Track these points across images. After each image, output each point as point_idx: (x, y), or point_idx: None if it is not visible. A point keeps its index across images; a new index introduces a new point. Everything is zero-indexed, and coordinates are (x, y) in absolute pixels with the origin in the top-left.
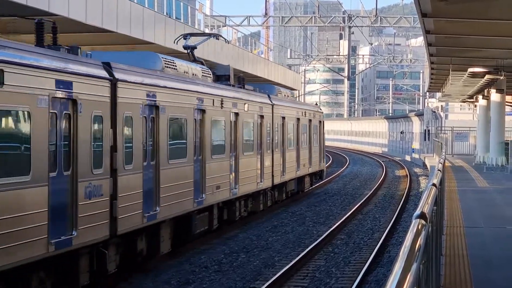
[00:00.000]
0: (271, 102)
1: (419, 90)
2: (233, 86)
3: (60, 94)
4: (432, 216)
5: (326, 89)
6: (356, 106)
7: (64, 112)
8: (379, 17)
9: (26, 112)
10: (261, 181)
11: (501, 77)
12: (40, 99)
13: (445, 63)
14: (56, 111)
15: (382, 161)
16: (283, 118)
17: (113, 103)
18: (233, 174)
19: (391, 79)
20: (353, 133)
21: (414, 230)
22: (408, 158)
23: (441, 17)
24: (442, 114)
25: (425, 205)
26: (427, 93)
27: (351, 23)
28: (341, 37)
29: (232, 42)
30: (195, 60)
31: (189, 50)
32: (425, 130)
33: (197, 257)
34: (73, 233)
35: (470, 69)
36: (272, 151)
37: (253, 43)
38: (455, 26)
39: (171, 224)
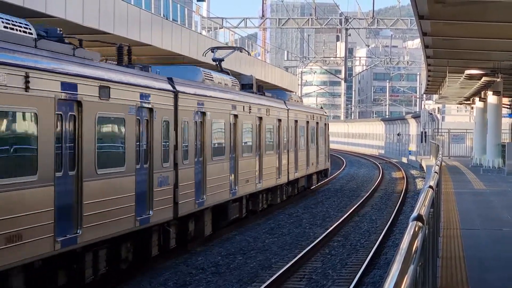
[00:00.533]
0: (287, 107)
1: (416, 92)
2: (256, 93)
3: (143, 104)
4: (429, 218)
5: (323, 91)
6: (353, 108)
7: (145, 118)
8: (376, 19)
9: (121, 119)
10: (279, 177)
11: (498, 79)
12: (130, 108)
13: (442, 65)
14: (140, 118)
15: (379, 163)
16: (296, 121)
17: (175, 110)
18: (258, 170)
19: (388, 81)
20: (350, 135)
21: (411, 232)
22: (404, 160)
23: (438, 19)
24: (439, 116)
25: (422, 207)
26: (424, 95)
27: (348, 25)
28: (338, 39)
29: (230, 44)
30: (222, 71)
31: (217, 62)
32: (421, 132)
33: (194, 258)
34: (150, 213)
35: (467, 71)
36: (288, 151)
37: (250, 45)
38: (452, 28)
39: (212, 210)
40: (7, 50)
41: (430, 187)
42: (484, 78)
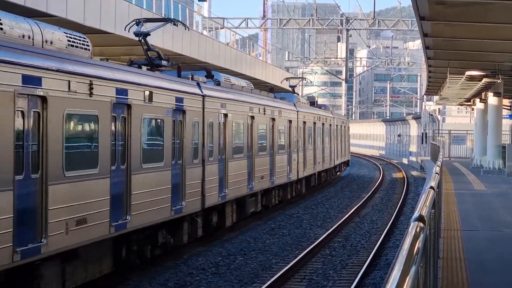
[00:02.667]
0: (296, 108)
1: (416, 93)
2: (268, 96)
3: (177, 107)
4: (430, 219)
5: (323, 92)
6: (353, 108)
7: (179, 119)
8: (377, 20)
9: (160, 120)
10: (289, 175)
11: (498, 81)
12: (167, 110)
13: (443, 66)
14: (175, 119)
15: (379, 164)
16: (304, 122)
17: (203, 112)
18: (271, 168)
19: (388, 82)
20: (351, 135)
21: (413, 233)
22: (405, 161)
23: (439, 20)
24: (439, 117)
25: (423, 207)
26: (425, 96)
27: (349, 26)
28: (338, 40)
29: (230, 45)
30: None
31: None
32: (422, 133)
33: (194, 259)
34: (182, 204)
35: (468, 73)
36: (297, 150)
37: (251, 45)
38: (453, 29)
39: (233, 204)
40: (77, 63)
41: (431, 187)
42: (484, 79)
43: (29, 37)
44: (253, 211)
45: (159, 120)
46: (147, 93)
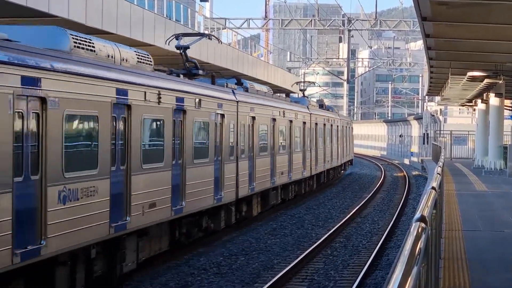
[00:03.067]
0: (309, 111)
1: (418, 94)
2: (285, 100)
3: (218, 111)
4: (431, 219)
5: (325, 92)
6: (355, 109)
7: (219, 122)
8: (378, 21)
9: (206, 123)
10: (304, 171)
11: (500, 81)
12: (211, 114)
13: (444, 66)
14: (216, 121)
15: (381, 164)
16: (316, 124)
17: (237, 115)
18: (288, 165)
19: (390, 82)
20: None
21: (414, 233)
22: (406, 161)
23: (441, 21)
24: (441, 117)
25: (424, 208)
26: (426, 96)
27: (350, 26)
28: (340, 40)
29: (232, 45)
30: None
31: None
32: (424, 133)
33: (195, 259)
34: (222, 194)
35: (469, 73)
36: (310, 149)
37: (253, 45)
38: (454, 30)
39: (258, 196)
40: (149, 77)
41: (433, 188)
42: (486, 80)
43: (112, 57)
44: (274, 203)
45: (205, 123)
46: (197, 100)
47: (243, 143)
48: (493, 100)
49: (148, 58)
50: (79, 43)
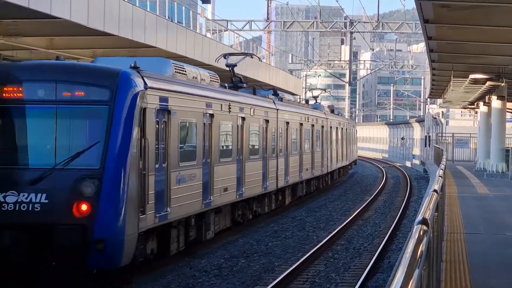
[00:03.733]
0: (326, 116)
1: (420, 96)
2: (308, 107)
3: (265, 118)
4: (433, 222)
5: (327, 95)
6: (357, 111)
7: (265, 126)
8: (380, 23)
9: (256, 127)
10: (323, 168)
11: (502, 84)
12: (260, 120)
13: (447, 69)
14: (263, 126)
15: (383, 167)
16: (330, 127)
17: (276, 121)
18: (311, 163)
19: (392, 85)
20: None
21: (416, 236)
22: (408, 164)
23: (443, 23)
24: (442, 120)
25: (426, 211)
26: (428, 99)
27: (352, 29)
28: (342, 43)
29: (234, 47)
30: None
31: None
32: (425, 136)
33: (197, 261)
34: (267, 184)
35: (471, 76)
36: (327, 149)
37: (254, 47)
38: (457, 32)
39: (289, 188)
40: (223, 93)
41: (435, 191)
42: (488, 83)
43: (195, 78)
44: (300, 194)
45: (256, 127)
46: (252, 109)
47: (280, 143)
48: (495, 102)
49: (216, 77)
50: (177, 69)
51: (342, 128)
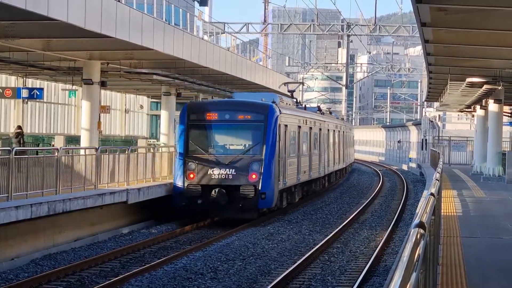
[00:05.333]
0: (341, 122)
1: (417, 100)
2: (331, 116)
3: (319, 127)
4: (430, 225)
5: (324, 97)
6: (353, 114)
7: (318, 133)
8: (377, 26)
9: (316, 133)
10: (339, 163)
11: (499, 87)
12: (316, 128)
13: (443, 72)
14: (317, 132)
15: (379, 170)
16: (339, 131)
17: (322, 128)
18: (334, 158)
19: (389, 88)
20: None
21: (413, 239)
22: (405, 167)
23: (440, 27)
24: (439, 123)
25: (423, 214)
26: (425, 102)
27: (349, 32)
28: (339, 45)
29: (231, 49)
30: (292, 97)
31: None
32: (422, 139)
33: (192, 264)
34: (321, 171)
35: (468, 79)
36: (341, 149)
37: (251, 50)
38: (454, 36)
39: (326, 176)
40: (301, 112)
41: (432, 194)
42: (485, 86)
43: (288, 104)
44: (332, 181)
45: (315, 133)
46: (313, 121)
47: (324, 144)
48: (492, 106)
49: (297, 101)
50: (280, 99)
51: (349, 132)
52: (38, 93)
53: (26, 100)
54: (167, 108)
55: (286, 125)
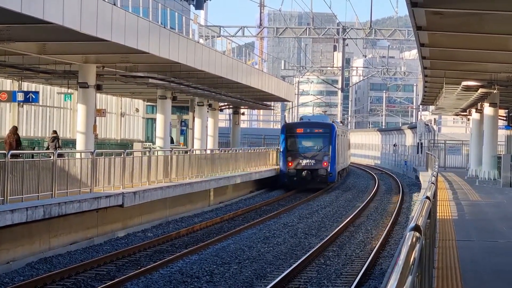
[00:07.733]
0: (347, 129)
1: (412, 103)
2: (345, 126)
3: (346, 136)
4: (425, 228)
5: (319, 101)
6: (349, 118)
7: (344, 141)
8: (373, 29)
9: (344, 141)
10: (345, 162)
11: (495, 91)
12: (344, 137)
13: (439, 76)
14: (344, 140)
15: (375, 173)
16: (344, 136)
17: (347, 137)
18: (349, 157)
19: (384, 91)
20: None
21: (409, 243)
22: (400, 170)
23: (436, 31)
24: (435, 127)
25: (419, 217)
26: (421, 106)
27: (345, 35)
28: (335, 49)
29: (227, 53)
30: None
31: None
32: (418, 143)
33: (188, 267)
34: (347, 163)
35: (464, 83)
36: (348, 150)
37: (247, 53)
38: (449, 39)
39: (347, 168)
40: (340, 126)
41: (427, 197)
42: (480, 90)
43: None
44: (344, 174)
45: (343, 141)
46: (341, 131)
47: (348, 146)
48: (488, 109)
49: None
50: (331, 120)
51: (346, 136)
52: (34, 97)
53: (21, 103)
54: (162, 111)
55: (338, 135)
